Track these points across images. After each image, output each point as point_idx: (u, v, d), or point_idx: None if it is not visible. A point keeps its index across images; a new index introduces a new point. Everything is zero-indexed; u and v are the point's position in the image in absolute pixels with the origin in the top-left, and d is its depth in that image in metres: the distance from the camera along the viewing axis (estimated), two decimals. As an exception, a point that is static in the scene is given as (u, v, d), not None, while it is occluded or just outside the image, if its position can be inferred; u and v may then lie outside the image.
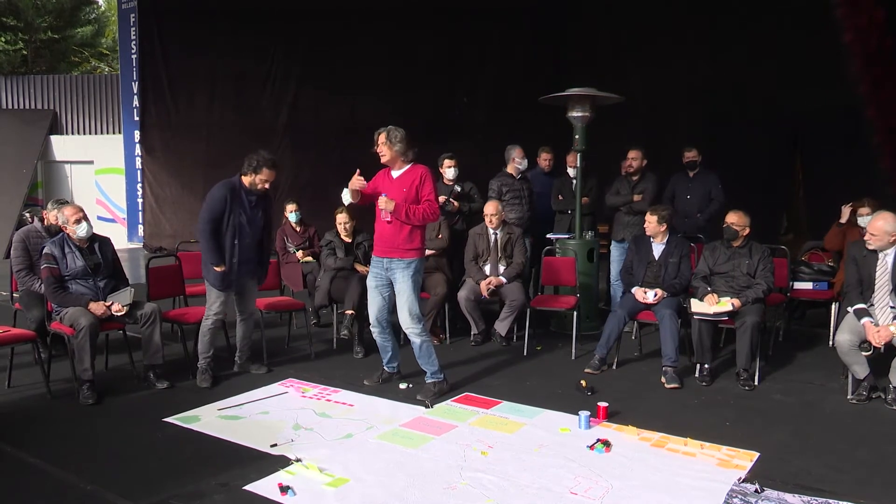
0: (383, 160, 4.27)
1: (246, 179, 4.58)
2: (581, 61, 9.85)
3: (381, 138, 4.23)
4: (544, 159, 6.85)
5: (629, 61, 9.73)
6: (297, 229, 6.67)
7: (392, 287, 4.39)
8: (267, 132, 11.18)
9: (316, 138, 11.22)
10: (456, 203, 6.12)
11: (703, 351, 4.74)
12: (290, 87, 11.37)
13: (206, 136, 11.12)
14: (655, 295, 4.93)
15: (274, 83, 11.37)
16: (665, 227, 5.14)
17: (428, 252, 5.47)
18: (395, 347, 4.65)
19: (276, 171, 4.55)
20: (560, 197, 6.52)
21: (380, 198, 4.24)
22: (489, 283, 5.49)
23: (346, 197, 4.35)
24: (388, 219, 4.27)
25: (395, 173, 4.30)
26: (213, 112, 11.37)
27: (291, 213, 6.64)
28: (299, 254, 6.48)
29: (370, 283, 4.45)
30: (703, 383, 4.66)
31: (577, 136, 5.92)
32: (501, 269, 5.65)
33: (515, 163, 6.29)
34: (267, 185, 4.55)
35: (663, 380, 4.65)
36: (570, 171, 6.44)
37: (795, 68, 8.43)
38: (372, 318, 4.48)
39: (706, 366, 4.74)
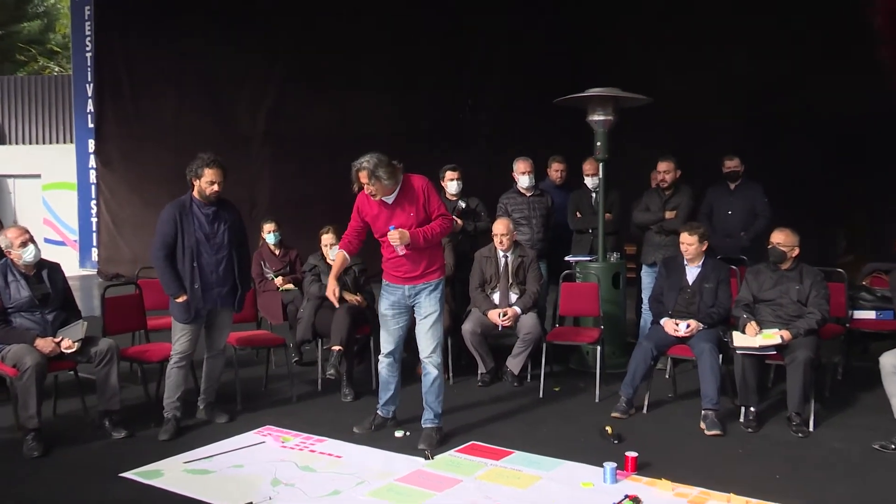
0: (376, 198, 4.34)
1: (195, 191, 4.66)
2: (602, 58, 9.95)
3: (364, 178, 4.23)
4: (555, 170, 6.91)
5: (658, 58, 9.84)
6: (276, 252, 6.72)
7: (410, 313, 4.53)
8: (243, 140, 11.31)
9: (299, 147, 11.34)
10: (460, 221, 6.16)
11: (748, 392, 4.74)
12: (270, 88, 11.51)
13: (172, 145, 11.22)
14: (688, 327, 4.96)
15: (251, 84, 11.50)
16: (706, 246, 5.19)
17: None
18: (398, 387, 4.70)
19: (222, 169, 4.61)
20: (578, 214, 6.58)
21: (389, 234, 4.31)
22: (506, 315, 5.52)
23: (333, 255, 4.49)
24: (403, 252, 4.36)
25: (390, 199, 4.36)
26: (181, 118, 11.50)
27: (269, 234, 6.69)
28: (278, 280, 6.53)
29: (385, 311, 4.53)
30: (749, 429, 4.66)
31: (598, 144, 5.98)
32: (513, 297, 5.68)
33: (516, 178, 6.37)
34: (217, 188, 4.61)
35: (702, 425, 4.65)
36: (588, 182, 6.50)
37: (852, 64, 8.49)
38: (385, 350, 4.57)
39: (752, 409, 4.74)
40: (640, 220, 6.33)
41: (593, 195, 6.48)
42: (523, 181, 6.33)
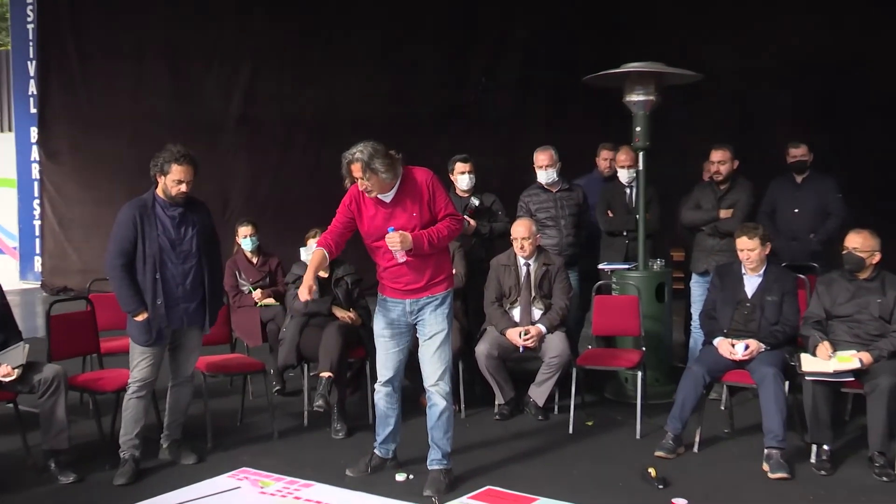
0: (372, 195, 4.34)
1: (159, 189, 4.68)
2: (641, 28, 9.95)
3: (357, 172, 4.22)
4: (604, 159, 6.94)
5: (706, 28, 9.84)
6: (254, 261, 6.74)
7: (413, 333, 4.56)
8: (214, 127, 11.36)
9: (281, 135, 11.40)
10: (472, 222, 6.17)
11: (819, 426, 4.71)
12: (245, 65, 11.55)
13: (130, 133, 11.28)
14: (747, 348, 4.94)
15: (222, 61, 11.55)
16: (768, 251, 5.16)
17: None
18: (398, 421, 4.69)
19: (193, 166, 4.63)
20: (609, 212, 6.57)
21: (387, 237, 4.31)
22: (528, 335, 5.51)
23: (305, 255, 4.47)
24: (404, 259, 4.35)
25: (388, 196, 4.36)
26: (140, 101, 11.55)
27: (246, 239, 6.71)
28: (256, 294, 6.54)
29: (382, 331, 4.53)
30: (823, 472, 4.64)
31: (637, 129, 5.98)
32: (537, 313, 5.67)
33: (536, 170, 6.39)
34: (184, 188, 4.62)
35: (766, 467, 4.63)
36: (623, 175, 6.50)
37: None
38: (383, 377, 4.56)
39: (826, 447, 4.71)
40: (690, 219, 6.31)
41: (627, 191, 6.48)
42: (543, 176, 6.34)
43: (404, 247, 4.28)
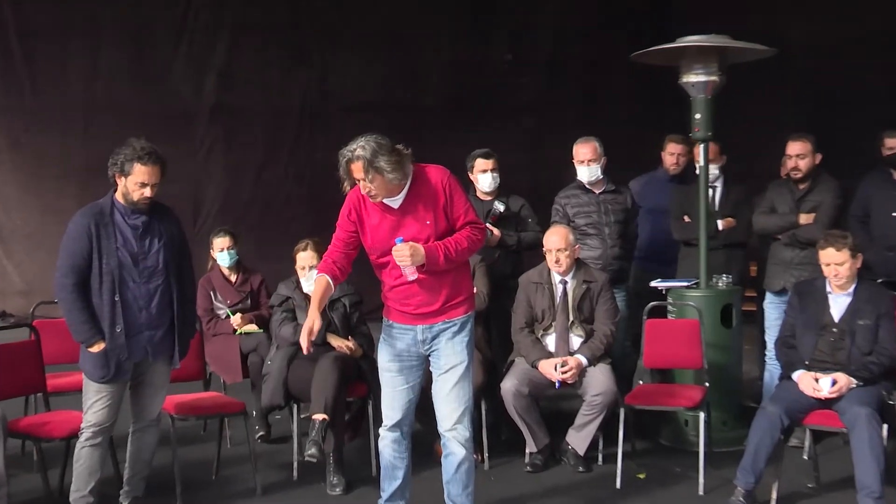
0: (377, 200, 4.34)
1: (118, 193, 4.70)
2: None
3: (359, 172, 4.21)
4: (671, 154, 6.97)
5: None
6: (232, 279, 6.76)
7: (426, 366, 4.56)
8: (183, 117, 11.40)
9: (264, 128, 11.43)
10: (497, 231, 6.18)
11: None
12: (220, 44, 11.61)
13: (83, 126, 11.32)
14: (834, 383, 4.90)
15: (193, 38, 11.61)
16: (859, 265, 5.14)
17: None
18: (408, 474, 4.67)
19: (160, 166, 4.64)
20: (686, 218, 6.57)
21: (394, 250, 4.29)
22: (566, 368, 5.51)
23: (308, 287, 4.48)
24: (415, 276, 4.34)
25: (396, 201, 4.38)
26: (95, 87, 11.58)
27: (223, 253, 6.73)
28: (235, 320, 6.56)
29: (388, 364, 4.52)
30: (928, 535, 4.59)
31: (696, 116, 5.99)
32: (575, 342, 5.67)
33: (576, 167, 6.41)
34: (148, 192, 4.63)
35: (858, 529, 4.60)
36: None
37: None
38: (389, 420, 4.55)
39: (933, 505, 4.67)
40: (763, 226, 6.30)
41: (710, 191, 6.47)
42: (584, 174, 6.35)
43: (415, 261, 4.27)
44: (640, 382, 5.99)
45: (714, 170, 6.40)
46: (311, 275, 5.37)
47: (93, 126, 11.07)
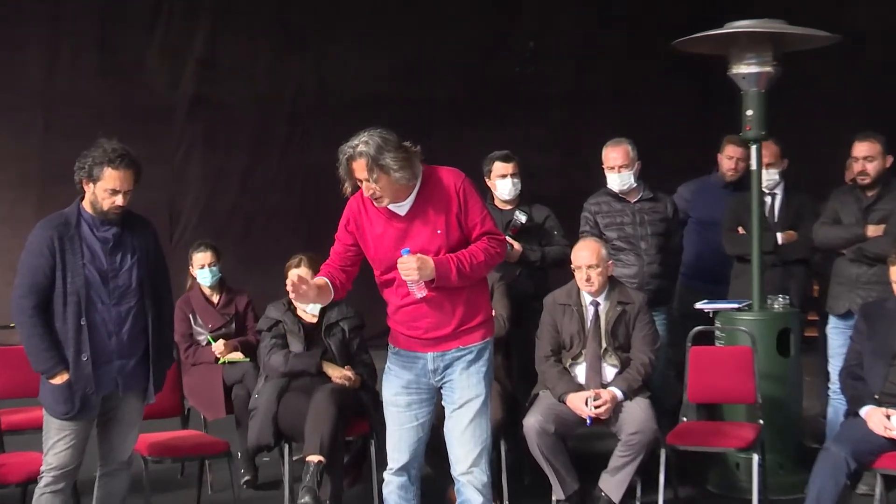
0: (382, 204, 4.34)
1: (86, 201, 4.71)
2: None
3: (361, 171, 4.21)
4: (729, 158, 6.97)
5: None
6: (215, 300, 6.77)
7: (437, 400, 4.55)
8: (157, 113, 11.38)
9: (250, 125, 11.42)
10: (517, 245, 6.18)
11: None
12: (200, 30, 11.62)
13: (43, 124, 11.32)
14: (910, 422, 4.88)
15: (170, 22, 11.63)
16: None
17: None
18: (417, 521, 4.68)
19: (133, 170, 4.64)
20: (740, 229, 6.56)
21: (400, 262, 4.28)
22: (598, 402, 5.50)
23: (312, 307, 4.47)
24: (424, 293, 4.33)
25: (403, 206, 4.39)
26: (55, 79, 11.58)
27: (204, 270, 6.72)
28: (218, 347, 6.54)
29: (393, 398, 4.51)
30: None
31: (748, 113, 5.99)
32: (609, 372, 5.66)
33: (606, 172, 6.42)
34: (120, 201, 4.63)
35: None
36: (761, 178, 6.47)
37: None
38: (395, 462, 4.53)
39: None
40: (825, 238, 6.27)
41: (768, 199, 6.50)
42: (615, 181, 6.36)
43: (423, 276, 4.26)
44: (684, 419, 5.94)
45: (773, 175, 6.40)
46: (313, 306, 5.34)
47: (53, 125, 11.04)
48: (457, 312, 4.39)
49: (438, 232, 4.34)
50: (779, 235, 6.44)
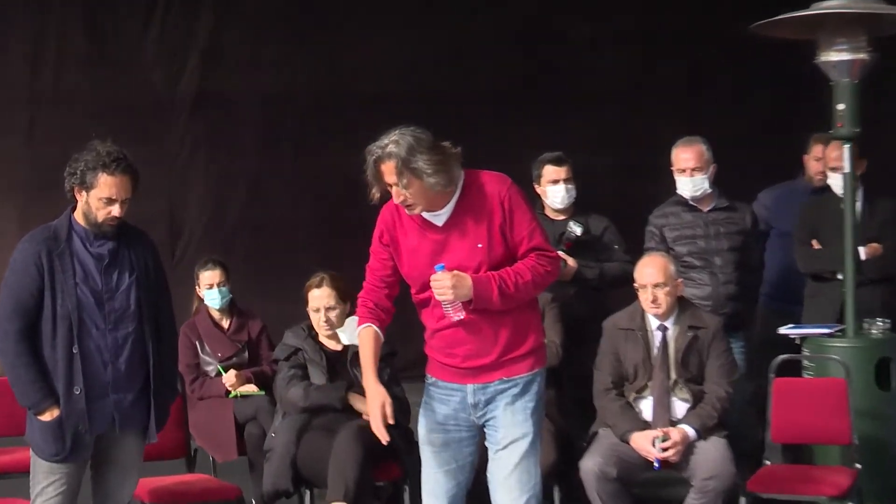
0: (415, 212, 4.33)
1: (78, 211, 4.73)
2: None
3: (390, 175, 4.22)
4: (817, 160, 6.96)
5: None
6: (224, 324, 6.80)
7: (479, 439, 4.53)
8: (156, 114, 11.43)
9: (258, 126, 11.45)
10: (572, 261, 6.18)
11: None
12: (203, 18, 11.65)
13: (28, 125, 11.39)
14: None
15: (169, 10, 11.68)
16: None
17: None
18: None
19: (130, 175, 4.66)
20: (815, 243, 6.54)
21: (433, 279, 4.27)
22: (669, 443, 5.47)
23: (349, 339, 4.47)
24: (462, 315, 4.32)
25: (440, 216, 4.38)
26: (42, 73, 11.64)
27: (212, 291, 6.76)
28: (228, 379, 6.56)
29: (429, 437, 4.52)
30: None
31: (839, 107, 5.98)
32: (680, 408, 5.64)
33: (676, 176, 6.42)
34: (116, 212, 4.64)
35: None
36: (834, 182, 6.50)
37: None
38: None
39: None
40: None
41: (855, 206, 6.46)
42: (687, 186, 6.35)
43: (459, 296, 4.24)
44: (767, 462, 5.91)
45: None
46: (351, 328, 5.22)
47: (40, 125, 11.10)
48: (500, 339, 4.37)
49: (479, 246, 4.32)
50: (861, 250, 6.35)
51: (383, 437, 4.32)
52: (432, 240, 4.36)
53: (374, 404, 4.32)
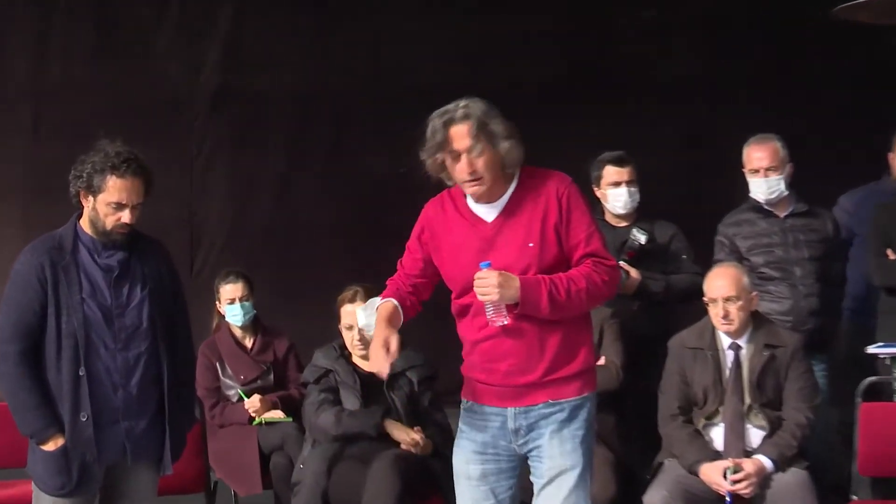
0: (479, 190, 4.34)
1: (84, 219, 4.77)
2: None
3: (463, 139, 4.24)
4: None
5: None
6: (248, 344, 6.84)
7: (518, 472, 4.50)
8: (173, 111, 11.48)
9: (287, 122, 11.47)
10: (634, 272, 6.18)
11: None
12: (223, 8, 11.67)
13: (31, 123, 11.45)
14: None
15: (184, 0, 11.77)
16: None
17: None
18: None
19: (142, 178, 4.69)
20: (890, 253, 6.51)
21: (476, 277, 4.25)
22: (743, 475, 5.43)
23: (367, 321, 4.43)
24: (506, 321, 4.29)
25: (491, 210, 4.39)
26: (48, 68, 11.77)
27: (234, 306, 6.81)
28: (252, 404, 6.59)
29: (467, 469, 4.51)
30: None
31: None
32: (755, 436, 5.62)
33: (748, 178, 6.40)
34: (126, 218, 4.67)
35: None
36: None
37: None
38: None
39: None
40: None
41: None
42: (761, 188, 6.33)
43: (505, 297, 4.22)
44: (854, 498, 5.88)
45: None
46: (373, 303, 4.94)
47: (44, 123, 11.17)
48: (547, 353, 4.36)
49: (530, 245, 4.33)
50: None
51: (384, 371, 4.27)
52: (480, 237, 4.38)
53: (378, 339, 4.23)
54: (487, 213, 4.37)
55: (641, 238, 6.24)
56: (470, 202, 4.43)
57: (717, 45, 10.70)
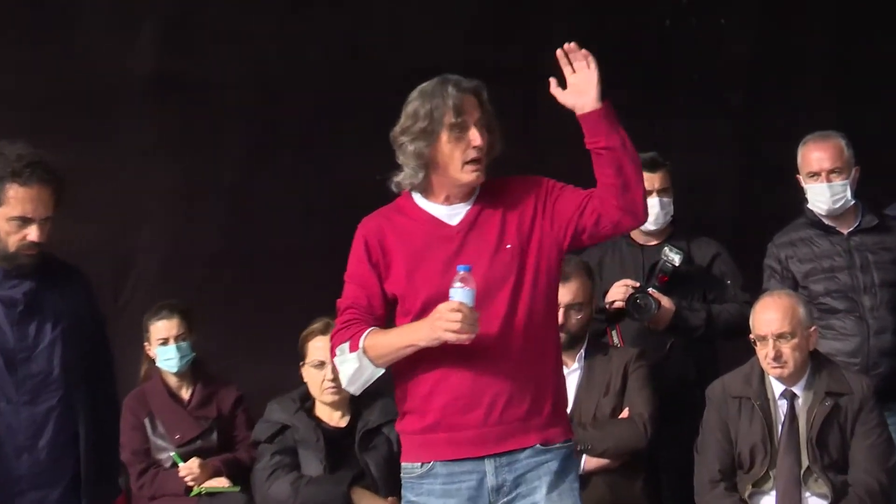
0: (477, 175, 4.39)
1: None
2: None
3: (473, 111, 4.40)
4: None
5: None
6: (184, 395, 6.86)
7: None
8: (101, 102, 11.48)
9: (246, 117, 11.48)
10: (667, 302, 6.20)
11: None
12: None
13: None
14: None
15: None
16: None
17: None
18: None
19: (51, 186, 4.71)
20: None
21: (453, 287, 4.19)
22: None
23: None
24: (471, 335, 4.17)
25: (454, 212, 4.45)
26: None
27: (166, 348, 6.81)
28: (189, 470, 6.57)
29: None
30: None
31: None
32: (815, 502, 5.62)
33: (805, 183, 6.43)
34: (33, 236, 4.69)
35: None
36: None
37: None
38: None
39: None
40: None
41: None
42: (821, 196, 6.35)
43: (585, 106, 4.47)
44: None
45: None
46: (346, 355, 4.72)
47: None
48: (533, 383, 4.36)
49: (508, 247, 4.37)
50: None
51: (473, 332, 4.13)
52: (445, 241, 4.43)
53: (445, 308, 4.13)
54: (450, 215, 4.42)
55: (676, 259, 6.24)
56: (424, 205, 4.48)
57: (773, 34, 10.77)
